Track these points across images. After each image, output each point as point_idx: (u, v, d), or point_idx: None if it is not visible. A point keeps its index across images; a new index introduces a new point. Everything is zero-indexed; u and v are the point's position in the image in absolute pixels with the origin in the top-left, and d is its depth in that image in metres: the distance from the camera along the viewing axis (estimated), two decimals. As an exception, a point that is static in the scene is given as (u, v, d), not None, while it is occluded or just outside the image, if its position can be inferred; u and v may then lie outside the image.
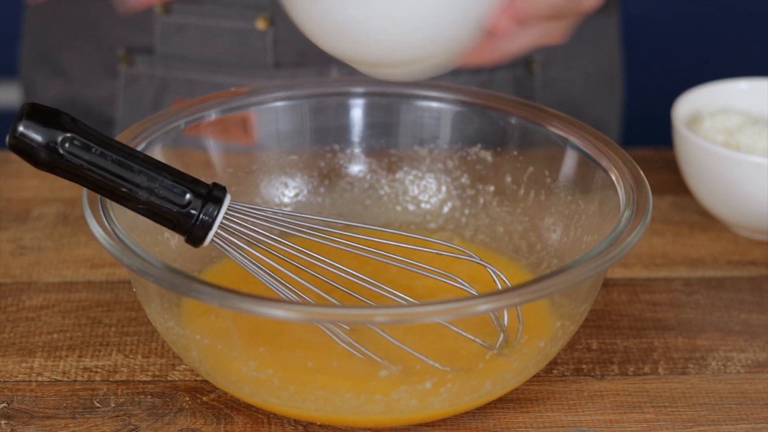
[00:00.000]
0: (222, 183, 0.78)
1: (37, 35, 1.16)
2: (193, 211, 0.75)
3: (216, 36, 1.07)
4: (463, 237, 0.90)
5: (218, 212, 0.75)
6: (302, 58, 1.08)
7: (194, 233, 0.76)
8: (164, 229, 0.84)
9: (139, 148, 0.82)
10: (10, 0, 1.68)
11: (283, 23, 1.06)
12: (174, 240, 0.85)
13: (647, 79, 1.96)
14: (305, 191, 0.92)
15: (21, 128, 0.72)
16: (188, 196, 0.75)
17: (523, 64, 1.12)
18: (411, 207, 0.92)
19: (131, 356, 0.83)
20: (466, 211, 0.91)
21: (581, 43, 1.14)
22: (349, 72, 1.09)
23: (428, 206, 0.92)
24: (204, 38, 1.07)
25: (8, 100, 1.99)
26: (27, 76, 1.19)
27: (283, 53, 1.07)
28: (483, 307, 0.70)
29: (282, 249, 0.77)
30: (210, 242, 0.76)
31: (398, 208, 0.92)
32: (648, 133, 1.38)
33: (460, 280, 0.77)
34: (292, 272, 0.76)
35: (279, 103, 0.89)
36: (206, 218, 0.75)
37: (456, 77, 1.10)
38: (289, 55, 1.08)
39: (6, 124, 0.77)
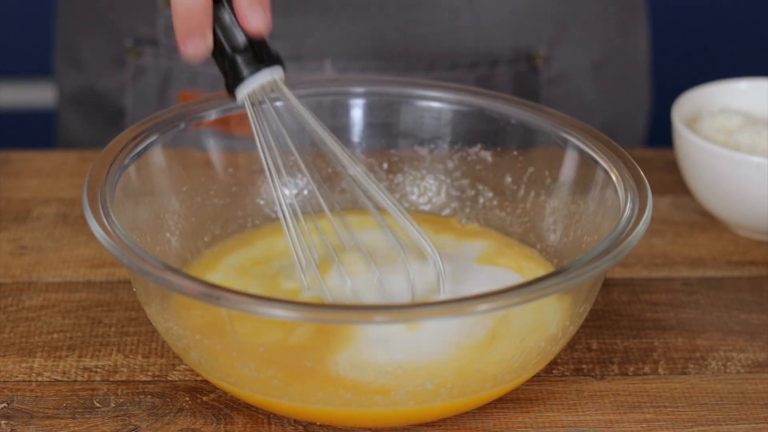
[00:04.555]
0: (222, 183, 0.78)
1: (62, 28, 1.18)
2: (239, 59, 0.78)
3: None
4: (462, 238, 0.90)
5: (251, 74, 0.78)
6: (296, 53, 1.08)
7: (228, 81, 0.79)
8: (164, 229, 0.84)
9: (139, 148, 0.82)
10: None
11: (278, 18, 1.06)
12: (174, 240, 0.85)
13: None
14: (305, 192, 0.92)
15: None
16: (243, 43, 0.78)
17: (526, 57, 1.11)
18: (411, 209, 0.92)
19: (131, 356, 0.83)
20: (467, 212, 0.91)
21: (591, 31, 1.13)
22: (341, 68, 1.09)
23: (428, 207, 0.92)
24: None
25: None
26: (56, 68, 1.21)
27: (278, 47, 1.07)
28: (483, 307, 0.70)
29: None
30: (243, 103, 0.79)
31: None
32: (648, 133, 1.38)
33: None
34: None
35: (279, 103, 0.89)
36: (244, 71, 0.78)
37: (453, 72, 1.10)
38: (284, 49, 1.08)
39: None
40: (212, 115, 0.87)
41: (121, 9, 1.12)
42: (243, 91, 0.79)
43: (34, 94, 2.08)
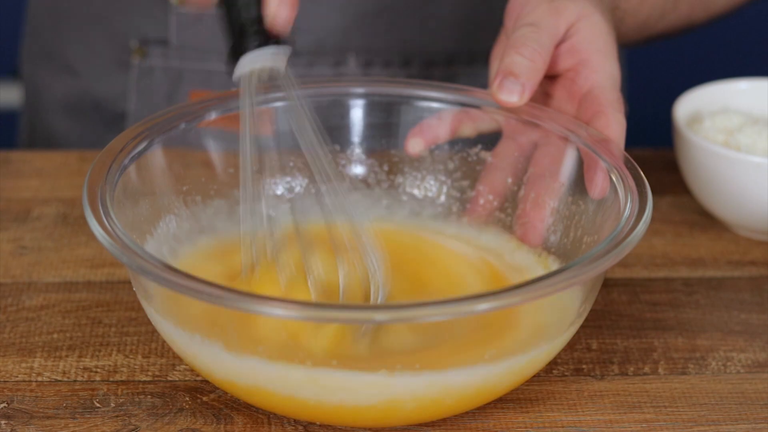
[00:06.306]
0: (223, 183, 0.78)
1: (40, 32, 1.17)
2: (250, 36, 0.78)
3: None
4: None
5: (256, 48, 0.77)
6: (320, 47, 1.08)
7: (232, 50, 0.78)
8: (165, 229, 0.84)
9: (139, 148, 0.82)
10: (8, 1, 1.69)
11: (300, 12, 1.06)
12: (174, 240, 0.85)
13: (647, 79, 1.95)
14: (305, 192, 0.92)
15: None
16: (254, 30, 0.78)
17: None
18: (411, 208, 0.92)
19: (131, 356, 0.83)
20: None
21: None
22: (365, 62, 1.09)
23: (429, 208, 0.92)
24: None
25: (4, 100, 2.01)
26: (29, 74, 1.18)
27: (301, 41, 1.07)
28: (483, 306, 0.70)
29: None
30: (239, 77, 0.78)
31: (398, 209, 0.92)
32: (648, 133, 1.38)
33: None
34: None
35: (279, 103, 0.89)
36: (249, 45, 0.77)
37: (471, 66, 1.11)
38: (307, 43, 1.08)
39: (4, 124, 0.77)
40: (212, 115, 0.87)
41: (122, 10, 1.11)
42: (246, 64, 0.78)
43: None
